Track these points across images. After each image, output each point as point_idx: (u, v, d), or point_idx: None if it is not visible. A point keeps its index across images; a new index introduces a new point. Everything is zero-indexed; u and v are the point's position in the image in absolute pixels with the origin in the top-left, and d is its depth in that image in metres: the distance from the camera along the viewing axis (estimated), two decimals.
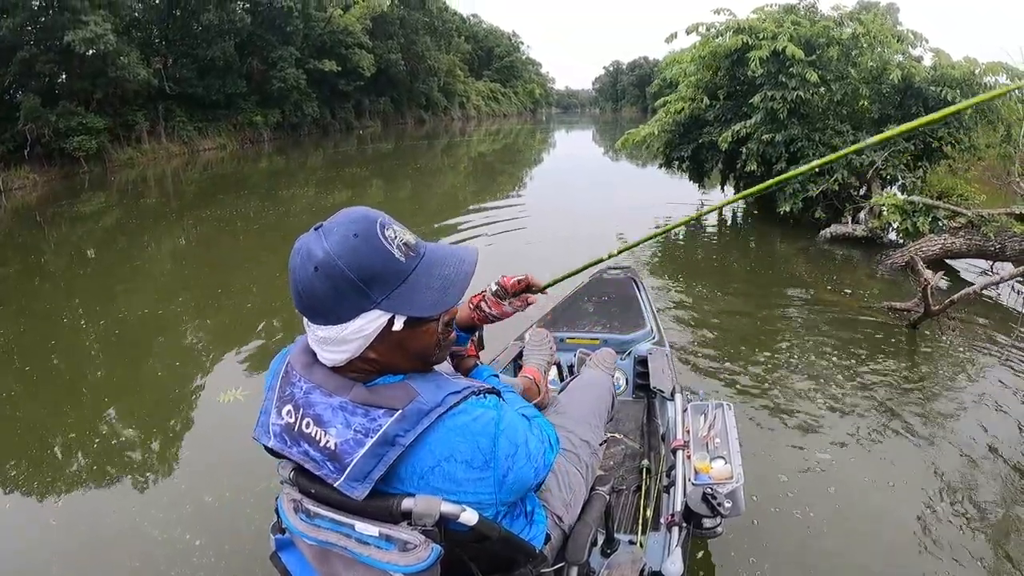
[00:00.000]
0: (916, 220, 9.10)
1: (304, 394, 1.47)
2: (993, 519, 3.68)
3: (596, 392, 2.72)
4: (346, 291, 1.35)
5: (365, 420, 1.38)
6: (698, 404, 3.29)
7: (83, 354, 6.71)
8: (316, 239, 1.36)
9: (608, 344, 4.20)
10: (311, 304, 1.38)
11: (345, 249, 1.34)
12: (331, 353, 1.44)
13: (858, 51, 10.82)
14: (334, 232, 1.36)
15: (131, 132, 28.12)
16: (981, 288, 6.36)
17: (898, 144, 10.31)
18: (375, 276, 1.36)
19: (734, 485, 2.73)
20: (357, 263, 1.34)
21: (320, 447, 1.41)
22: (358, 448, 1.37)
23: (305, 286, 1.36)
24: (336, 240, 1.34)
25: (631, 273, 5.30)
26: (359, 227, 1.37)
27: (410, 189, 19.37)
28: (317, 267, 1.33)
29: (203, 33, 31.77)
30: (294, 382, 1.51)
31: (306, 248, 1.36)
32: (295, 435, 1.46)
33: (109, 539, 3.80)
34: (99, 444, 4.81)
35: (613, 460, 3.50)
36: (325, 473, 1.40)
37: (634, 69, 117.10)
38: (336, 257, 1.33)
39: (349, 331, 1.39)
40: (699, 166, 13.24)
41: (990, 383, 5.43)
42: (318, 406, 1.44)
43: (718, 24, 11.53)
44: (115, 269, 10.08)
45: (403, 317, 1.41)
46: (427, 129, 52.24)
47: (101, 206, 17.32)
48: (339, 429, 1.39)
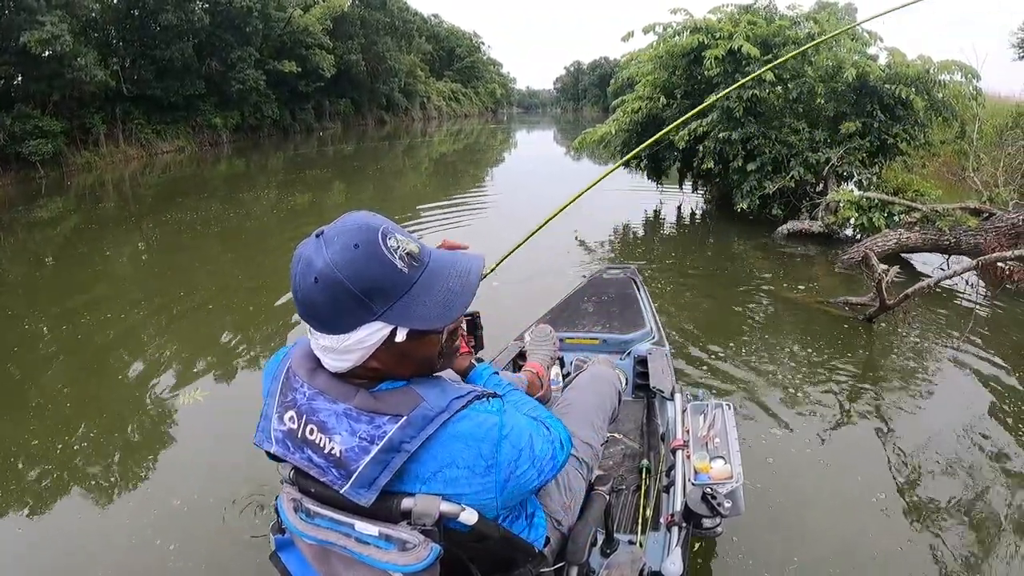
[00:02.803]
0: (872, 216, 9.23)
1: (307, 400, 1.46)
2: (963, 505, 3.77)
3: (601, 390, 2.71)
4: (346, 303, 1.33)
5: (370, 427, 1.38)
6: (697, 404, 3.30)
7: (44, 361, 6.60)
8: (316, 248, 1.34)
9: (607, 344, 4.24)
10: (312, 313, 1.37)
11: (346, 260, 1.31)
12: (334, 361, 1.43)
13: (814, 50, 10.94)
14: (335, 241, 1.33)
15: (88, 135, 27.59)
16: (936, 282, 6.45)
17: (853, 141, 10.44)
18: (376, 288, 1.33)
19: (734, 485, 2.74)
20: (358, 275, 1.31)
21: (325, 453, 1.41)
22: (363, 455, 1.37)
23: (305, 296, 1.34)
24: (337, 250, 1.32)
25: (631, 273, 5.29)
26: (361, 237, 1.34)
27: (372, 191, 19.28)
28: (317, 278, 1.31)
29: (161, 34, 31.29)
30: (296, 387, 1.50)
31: (306, 258, 1.34)
32: (298, 441, 1.46)
33: (79, 548, 3.74)
34: (62, 451, 4.71)
35: (613, 460, 3.50)
36: (330, 479, 1.40)
37: (595, 69, 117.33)
38: (336, 268, 1.30)
39: (351, 341, 1.37)
40: (657, 164, 13.35)
41: (945, 374, 5.59)
42: (322, 412, 1.43)
43: (675, 24, 11.59)
44: (75, 275, 9.92)
45: (405, 329, 1.39)
46: (388, 130, 52.02)
47: (59, 211, 17.05)
48: (344, 436, 1.39)
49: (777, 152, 10.74)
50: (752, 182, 10.76)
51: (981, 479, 4.04)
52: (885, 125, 10.52)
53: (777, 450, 4.37)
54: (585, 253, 9.76)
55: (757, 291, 7.86)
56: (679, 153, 12.14)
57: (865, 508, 3.78)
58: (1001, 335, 6.41)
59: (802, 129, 10.94)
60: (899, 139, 10.65)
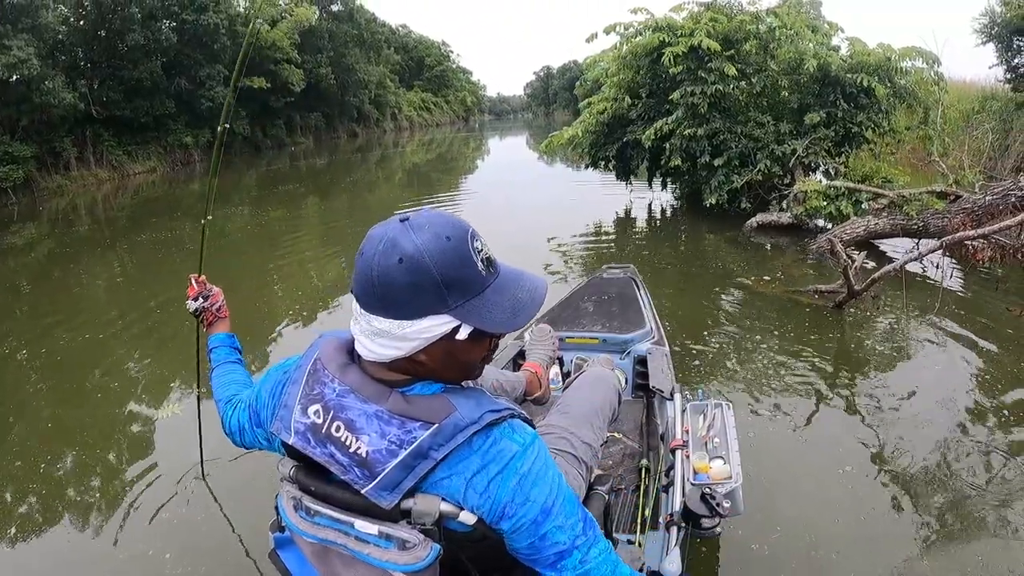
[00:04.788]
0: (839, 204, 9.33)
1: (337, 396, 1.45)
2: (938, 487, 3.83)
3: (601, 392, 2.70)
4: (426, 289, 1.33)
5: (400, 431, 1.37)
6: (697, 404, 3.31)
7: (23, 382, 6.57)
8: (403, 231, 1.34)
9: (607, 343, 4.24)
10: (383, 293, 1.35)
11: (438, 248, 1.32)
12: (381, 347, 1.41)
13: (776, 43, 11.05)
14: (425, 229, 1.34)
15: (59, 159, 27.15)
16: (901, 265, 6.52)
17: (818, 131, 10.55)
18: (457, 282, 1.34)
19: (733, 485, 2.75)
20: (444, 265, 1.32)
21: (350, 452, 1.40)
22: (391, 458, 1.36)
23: (383, 275, 1.33)
24: (428, 237, 1.33)
25: (631, 273, 5.31)
26: (452, 231, 1.35)
27: (346, 202, 19.25)
28: (403, 259, 1.31)
29: (129, 54, 30.98)
30: (325, 382, 1.48)
31: (391, 237, 1.34)
32: (322, 436, 1.44)
33: (70, 564, 3.73)
34: (45, 470, 4.68)
35: (612, 460, 3.50)
36: (351, 478, 1.39)
37: (565, 73, 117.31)
38: (426, 254, 1.31)
39: (413, 329, 1.36)
40: (625, 164, 13.42)
41: (916, 353, 5.74)
42: (351, 411, 1.42)
43: (636, 23, 11.68)
44: (52, 299, 9.83)
45: (469, 328, 1.39)
46: (360, 142, 51.78)
47: (32, 237, 16.83)
48: (372, 437, 1.38)
49: (743, 146, 10.87)
50: (720, 177, 10.87)
51: (958, 451, 4.15)
52: (849, 114, 10.65)
53: (757, 439, 4.40)
54: (560, 256, 9.81)
55: (729, 285, 7.92)
56: (647, 152, 12.20)
57: (837, 485, 3.85)
58: (969, 313, 6.52)
59: (767, 122, 11.06)
60: (863, 127, 10.78)
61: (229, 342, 2.32)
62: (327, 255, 11.34)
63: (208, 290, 2.46)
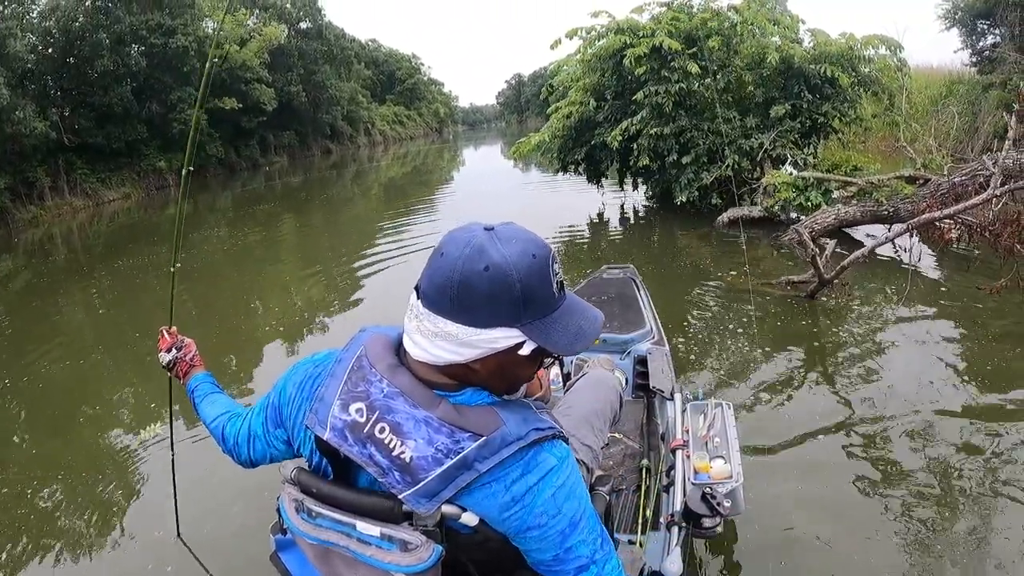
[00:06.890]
0: (809, 195, 9.39)
1: (384, 397, 1.43)
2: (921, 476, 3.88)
3: (602, 393, 2.71)
4: (504, 301, 1.33)
5: (449, 440, 1.36)
6: (697, 404, 3.33)
7: (6, 412, 6.56)
8: (490, 240, 1.35)
9: (607, 343, 4.22)
10: (459, 297, 1.34)
11: (523, 264, 1.33)
12: (440, 350, 1.39)
13: (738, 39, 11.12)
14: (512, 243, 1.35)
15: (33, 189, 26.91)
16: (870, 251, 6.59)
17: (784, 124, 10.63)
18: (533, 299, 1.35)
19: (733, 484, 2.77)
20: (527, 280, 1.33)
21: (392, 455, 1.38)
22: (436, 467, 1.35)
23: (465, 279, 1.32)
24: (516, 252, 1.34)
25: (631, 272, 5.32)
26: (538, 249, 1.37)
27: (323, 219, 19.21)
28: (489, 267, 1.31)
29: (99, 80, 30.83)
30: (372, 380, 1.46)
31: (479, 244, 1.34)
32: (362, 436, 1.42)
33: None
34: (31, 497, 4.67)
35: (613, 460, 3.50)
36: (389, 481, 1.38)
37: (536, 80, 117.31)
38: (512, 267, 1.32)
39: (481, 338, 1.36)
40: (595, 167, 13.48)
41: (888, 336, 5.83)
42: (399, 414, 1.40)
43: (598, 27, 11.76)
44: (31, 328, 9.77)
45: (533, 345, 1.40)
46: (335, 159, 51.62)
47: (8, 269, 16.71)
48: (419, 444, 1.37)
49: (711, 143, 10.94)
50: (689, 175, 10.94)
51: (941, 428, 4.26)
52: (814, 105, 10.76)
53: None
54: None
55: (702, 281, 7.98)
56: (615, 153, 12.23)
57: (817, 480, 3.91)
58: (941, 294, 6.70)
59: (733, 118, 11.15)
60: (829, 117, 10.90)
61: (209, 379, 2.27)
62: (307, 275, 11.26)
63: (180, 341, 2.43)
